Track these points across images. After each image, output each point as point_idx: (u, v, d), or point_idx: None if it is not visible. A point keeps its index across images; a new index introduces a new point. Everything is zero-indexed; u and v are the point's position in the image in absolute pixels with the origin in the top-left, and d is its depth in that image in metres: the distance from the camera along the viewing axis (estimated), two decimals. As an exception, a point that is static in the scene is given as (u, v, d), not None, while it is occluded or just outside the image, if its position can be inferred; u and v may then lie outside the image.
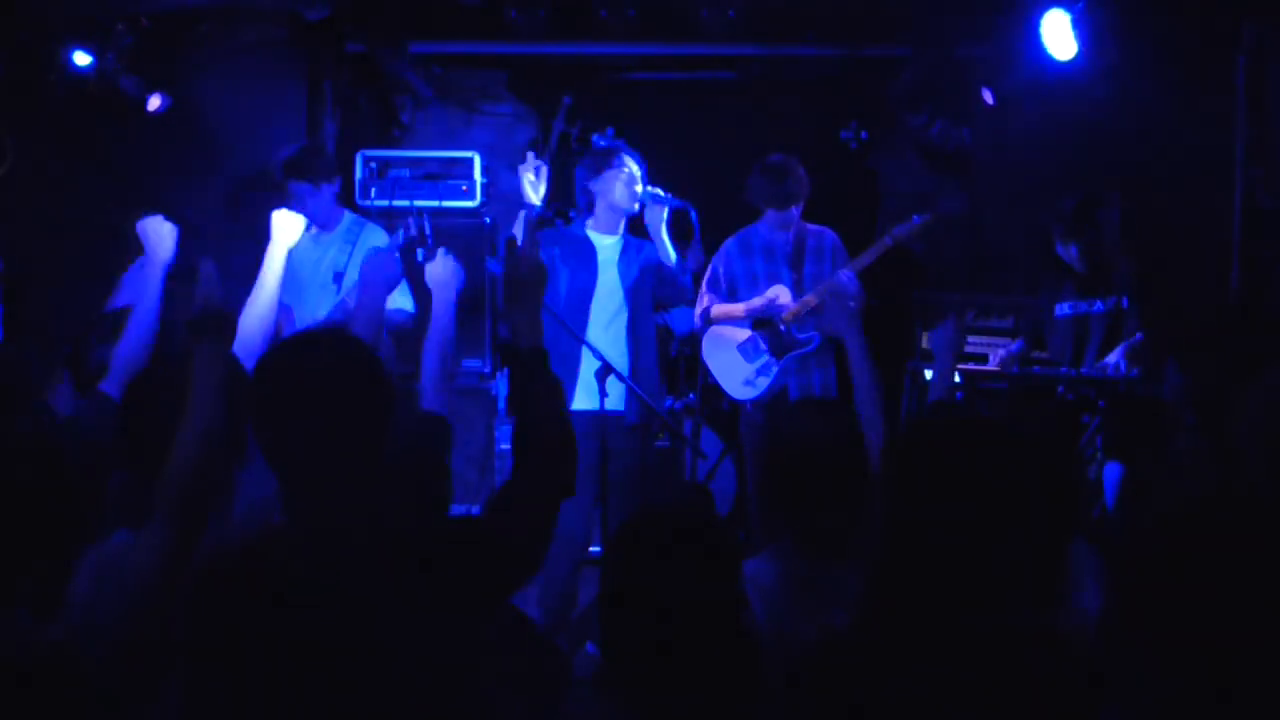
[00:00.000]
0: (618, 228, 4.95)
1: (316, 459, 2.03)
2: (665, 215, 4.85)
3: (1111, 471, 4.27)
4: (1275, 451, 2.20)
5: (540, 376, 2.29)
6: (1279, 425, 2.22)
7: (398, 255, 4.69)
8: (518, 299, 2.34)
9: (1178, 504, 1.66)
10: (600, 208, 4.90)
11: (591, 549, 5.04)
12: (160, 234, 3.25)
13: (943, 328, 3.43)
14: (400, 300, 4.85)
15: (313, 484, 2.03)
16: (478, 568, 2.09)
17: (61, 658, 1.79)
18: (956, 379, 4.93)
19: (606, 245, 4.92)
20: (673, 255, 4.85)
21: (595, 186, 4.89)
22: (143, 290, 3.10)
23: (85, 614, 2.12)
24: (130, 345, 2.94)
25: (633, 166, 4.90)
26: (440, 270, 3.20)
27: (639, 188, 4.86)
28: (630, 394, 4.74)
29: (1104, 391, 4.54)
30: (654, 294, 4.94)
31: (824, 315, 3.89)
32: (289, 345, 2.18)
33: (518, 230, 4.73)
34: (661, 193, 4.84)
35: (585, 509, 4.80)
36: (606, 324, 4.80)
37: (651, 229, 4.84)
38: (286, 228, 3.65)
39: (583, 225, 4.96)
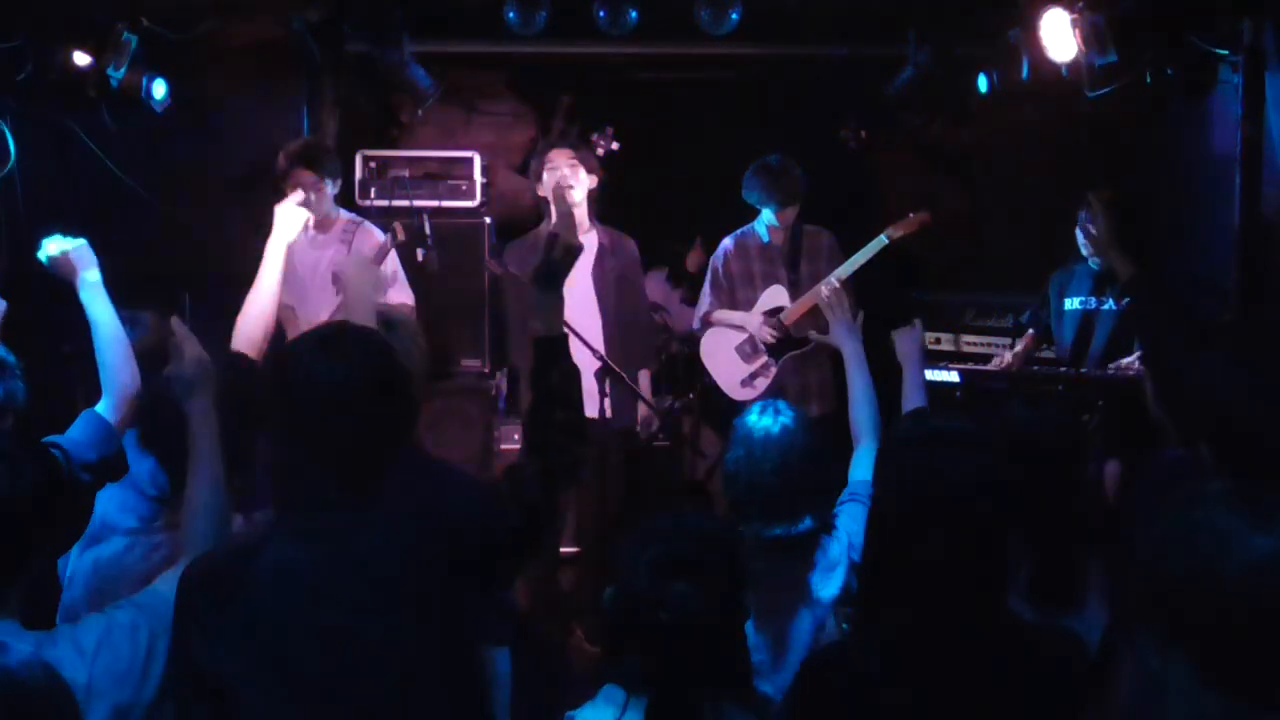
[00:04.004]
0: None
1: (336, 457, 2.00)
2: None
3: (1112, 471, 4.26)
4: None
5: (560, 361, 2.37)
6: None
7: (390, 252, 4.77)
8: (547, 287, 2.45)
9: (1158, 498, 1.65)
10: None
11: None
12: (79, 254, 2.99)
13: (908, 333, 3.39)
14: (401, 295, 4.92)
15: (321, 480, 2.00)
16: (487, 544, 2.10)
17: (49, 669, 1.79)
18: (957, 378, 4.92)
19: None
20: None
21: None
22: (95, 311, 2.90)
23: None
24: (112, 366, 2.85)
25: (560, 163, 4.99)
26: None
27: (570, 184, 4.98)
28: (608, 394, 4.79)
29: (1104, 391, 4.53)
30: None
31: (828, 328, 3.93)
32: (309, 339, 2.11)
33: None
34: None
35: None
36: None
37: None
38: (288, 221, 3.62)
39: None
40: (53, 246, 2.98)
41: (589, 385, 4.78)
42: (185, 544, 2.24)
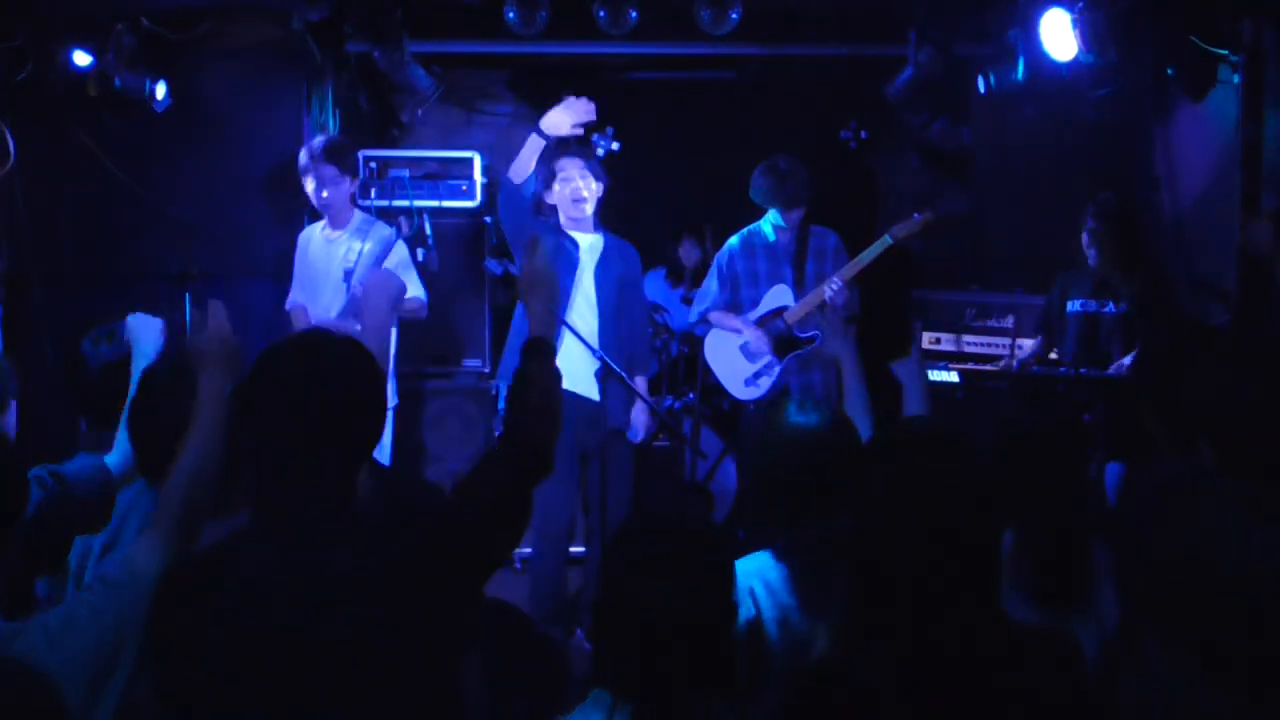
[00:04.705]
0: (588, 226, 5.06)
1: (306, 458, 2.00)
2: None
3: (1112, 471, 4.26)
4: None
5: (545, 360, 2.35)
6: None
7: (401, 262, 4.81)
8: (535, 291, 2.45)
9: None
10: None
11: (573, 549, 5.15)
12: (148, 328, 3.08)
13: (909, 361, 3.21)
14: (413, 289, 5.02)
15: (296, 484, 2.01)
16: (462, 537, 2.10)
17: (26, 662, 1.79)
18: (956, 378, 4.92)
19: (585, 243, 5.04)
20: None
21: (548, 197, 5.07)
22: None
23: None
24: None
25: (573, 173, 5.01)
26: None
27: (583, 196, 4.99)
28: (606, 391, 4.76)
29: (1104, 391, 4.53)
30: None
31: (822, 335, 3.85)
32: (291, 344, 2.14)
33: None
34: None
35: (567, 503, 4.92)
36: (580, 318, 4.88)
37: None
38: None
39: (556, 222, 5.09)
40: (139, 318, 3.06)
41: (588, 380, 4.77)
42: (162, 504, 2.22)
